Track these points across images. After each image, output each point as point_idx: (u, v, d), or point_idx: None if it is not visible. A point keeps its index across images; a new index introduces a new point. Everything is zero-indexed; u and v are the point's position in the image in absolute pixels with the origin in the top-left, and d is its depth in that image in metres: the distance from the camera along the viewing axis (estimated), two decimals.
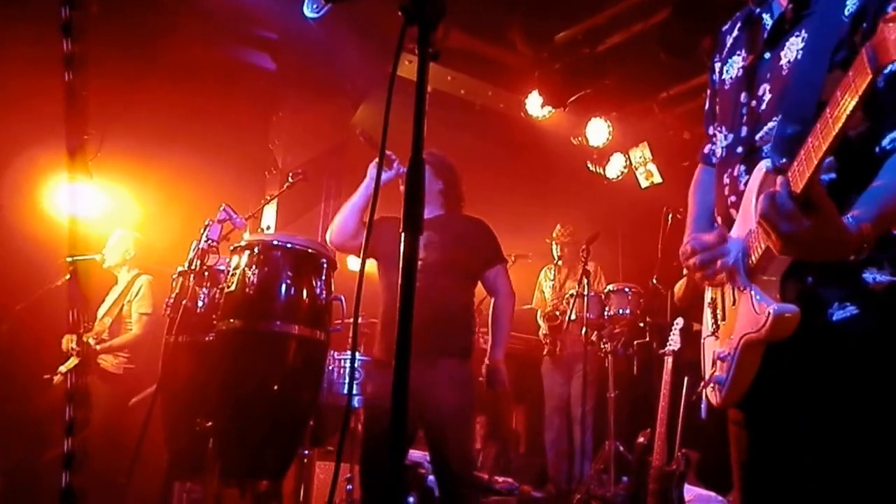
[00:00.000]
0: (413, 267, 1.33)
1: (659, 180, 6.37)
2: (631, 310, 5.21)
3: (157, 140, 5.29)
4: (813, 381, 1.43)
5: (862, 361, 1.39)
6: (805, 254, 1.33)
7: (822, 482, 1.43)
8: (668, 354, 4.03)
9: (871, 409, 1.38)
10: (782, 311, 1.38)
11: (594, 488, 4.80)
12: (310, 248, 3.41)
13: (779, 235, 1.27)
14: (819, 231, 1.24)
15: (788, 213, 1.24)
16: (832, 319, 1.41)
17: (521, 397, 6.52)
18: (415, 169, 1.37)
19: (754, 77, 1.59)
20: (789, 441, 1.49)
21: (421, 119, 1.38)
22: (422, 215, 1.37)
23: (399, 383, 1.27)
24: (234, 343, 3.26)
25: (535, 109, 6.11)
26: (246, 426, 3.20)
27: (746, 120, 1.58)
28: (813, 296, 1.43)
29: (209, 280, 3.58)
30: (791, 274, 1.43)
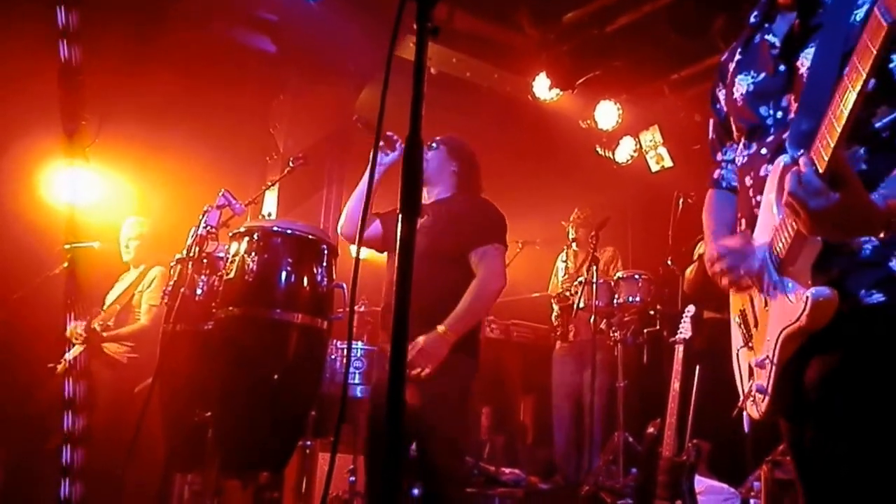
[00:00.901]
0: (410, 251, 1.30)
1: (670, 164, 6.26)
2: (641, 297, 5.10)
3: (156, 125, 5.26)
4: (845, 366, 1.42)
5: (890, 348, 1.39)
6: (835, 231, 1.33)
7: (855, 467, 1.40)
8: (678, 343, 3.94)
9: None
10: (820, 295, 1.37)
11: (603, 480, 4.73)
12: (310, 234, 3.35)
13: (808, 213, 1.27)
14: (847, 206, 1.25)
15: (816, 189, 1.25)
16: (861, 304, 1.41)
17: (530, 388, 6.44)
18: (412, 148, 1.34)
19: (773, 89, 1.63)
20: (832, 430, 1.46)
21: (419, 96, 1.34)
22: (419, 198, 1.33)
23: (395, 371, 1.26)
24: (234, 331, 3.20)
25: (543, 92, 6.01)
26: (246, 417, 3.16)
27: (774, 131, 1.61)
28: (844, 283, 1.42)
29: (208, 267, 3.53)
30: (824, 264, 1.43)
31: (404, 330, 1.27)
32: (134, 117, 4.99)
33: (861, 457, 1.38)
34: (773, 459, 3.46)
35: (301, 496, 4.12)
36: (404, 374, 1.27)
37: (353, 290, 1.70)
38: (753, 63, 1.71)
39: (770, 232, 1.51)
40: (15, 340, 4.43)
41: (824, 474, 1.46)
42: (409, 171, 1.33)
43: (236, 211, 3.72)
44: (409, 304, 1.27)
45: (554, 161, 6.66)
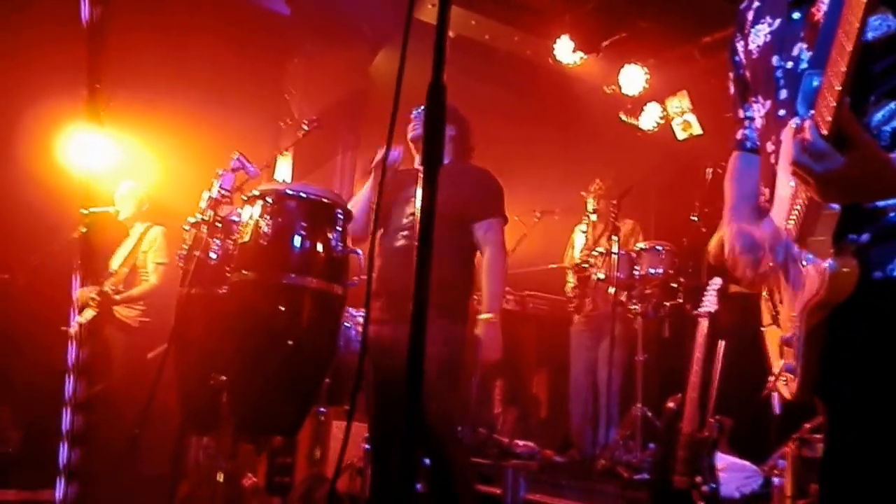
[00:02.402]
0: (431, 213, 1.22)
1: (699, 132, 6.08)
2: (663, 269, 4.99)
3: (169, 89, 5.28)
4: (876, 341, 1.34)
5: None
6: (849, 195, 1.26)
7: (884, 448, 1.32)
8: (702, 316, 3.86)
9: None
10: (837, 267, 1.31)
11: (619, 454, 4.69)
12: (325, 197, 3.29)
13: (816, 178, 1.22)
14: (858, 166, 1.19)
15: (821, 152, 1.19)
16: (892, 274, 1.33)
17: (544, 361, 6.39)
18: (435, 97, 1.26)
19: (786, 38, 1.54)
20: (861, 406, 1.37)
21: (442, 43, 1.26)
22: (441, 153, 1.25)
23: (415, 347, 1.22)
24: (248, 296, 3.18)
25: (566, 55, 5.85)
26: (260, 381, 3.15)
27: (784, 83, 1.53)
28: (871, 254, 1.34)
29: (222, 231, 3.52)
30: (845, 233, 1.34)
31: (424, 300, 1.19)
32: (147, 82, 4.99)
33: (891, 435, 1.31)
34: (800, 437, 3.37)
35: (314, 462, 4.11)
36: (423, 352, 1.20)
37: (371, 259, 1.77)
38: (771, 9, 1.61)
39: (787, 198, 1.44)
40: (33, 304, 4.49)
41: (855, 455, 1.37)
42: (431, 119, 1.25)
43: (251, 174, 3.69)
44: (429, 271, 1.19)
45: (575, 128, 6.53)
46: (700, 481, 3.40)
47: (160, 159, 5.31)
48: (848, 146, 1.18)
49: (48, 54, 4.12)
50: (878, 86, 1.35)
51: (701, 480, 3.41)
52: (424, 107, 1.27)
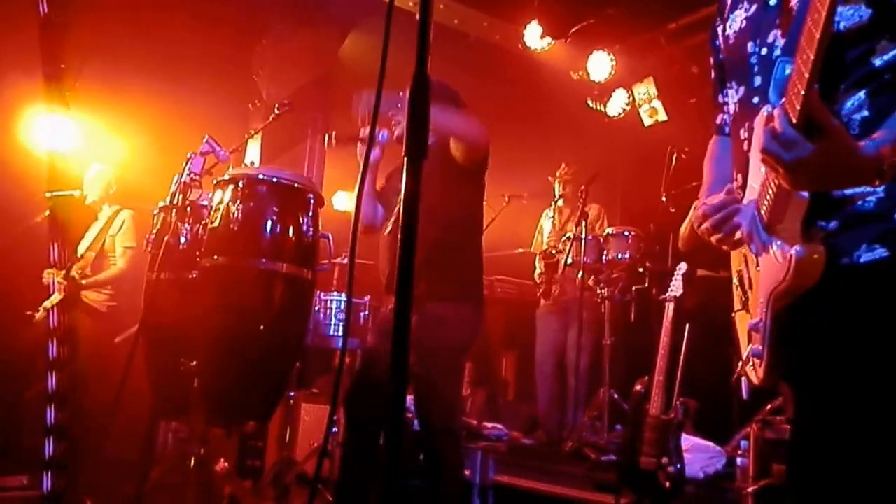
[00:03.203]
0: (415, 198, 1.21)
1: (664, 118, 6.13)
2: (630, 254, 5.05)
3: (137, 71, 5.17)
4: (842, 326, 1.33)
5: (889, 304, 1.31)
6: (818, 182, 1.24)
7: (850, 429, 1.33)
8: (668, 300, 3.89)
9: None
10: (804, 253, 1.30)
11: (587, 436, 4.75)
12: (296, 182, 3.27)
13: (784, 166, 1.20)
14: (827, 154, 1.17)
15: (789, 140, 1.18)
16: (858, 261, 1.32)
17: (512, 343, 6.44)
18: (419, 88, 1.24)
19: (762, 24, 1.52)
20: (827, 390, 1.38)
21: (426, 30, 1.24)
22: (425, 141, 1.24)
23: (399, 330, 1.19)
24: (219, 281, 3.17)
25: (534, 41, 5.85)
26: (231, 367, 3.14)
27: (759, 70, 1.51)
28: (838, 240, 1.34)
29: (192, 215, 3.46)
30: (814, 220, 1.34)
31: (409, 287, 1.19)
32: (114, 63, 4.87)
33: (856, 418, 1.32)
34: (762, 419, 3.46)
35: (284, 446, 4.11)
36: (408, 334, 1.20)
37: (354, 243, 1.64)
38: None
39: (758, 185, 1.43)
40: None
41: (821, 437, 1.37)
42: (416, 113, 1.23)
43: (220, 158, 3.63)
44: (413, 256, 1.19)
45: (543, 113, 6.53)
46: (666, 462, 3.44)
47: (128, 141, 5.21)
48: (817, 134, 1.17)
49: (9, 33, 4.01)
50: (849, 74, 1.35)
51: (667, 461, 3.45)
52: (408, 98, 1.25)
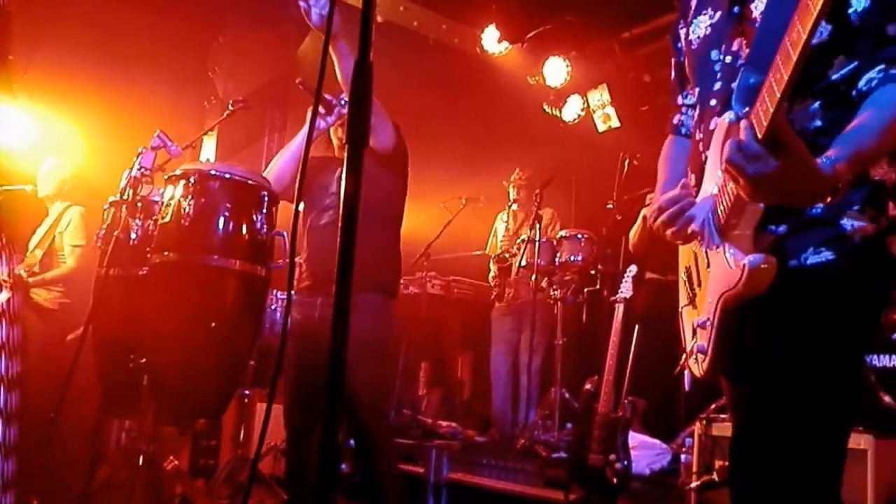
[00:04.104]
0: (356, 196, 1.20)
1: (617, 124, 6.24)
2: (583, 257, 5.14)
3: (89, 64, 5.05)
4: (785, 326, 1.39)
5: (832, 304, 1.37)
6: (776, 197, 1.27)
7: (788, 426, 1.38)
8: (619, 302, 3.98)
9: (830, 353, 1.37)
10: (757, 263, 1.33)
11: (538, 434, 4.81)
12: (250, 179, 3.24)
13: (746, 179, 1.22)
14: (788, 171, 1.19)
15: (754, 154, 1.19)
16: (805, 263, 1.38)
17: (468, 344, 6.49)
18: (362, 72, 1.24)
19: (726, 33, 1.55)
20: (769, 387, 1.43)
21: (368, 19, 1.25)
22: (367, 129, 1.23)
23: (338, 325, 1.19)
24: (169, 277, 3.12)
25: (492, 45, 5.91)
26: (182, 364, 3.09)
27: (721, 76, 1.54)
28: (787, 244, 1.40)
29: (142, 211, 3.40)
30: (764, 224, 1.39)
31: (348, 280, 1.19)
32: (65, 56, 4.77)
33: (795, 415, 1.37)
34: (706, 416, 3.55)
35: (239, 444, 4.09)
36: (347, 329, 1.19)
37: (293, 242, 1.66)
38: (714, 1, 1.62)
39: (716, 181, 1.46)
40: None
41: (759, 432, 1.43)
42: (357, 99, 1.23)
43: (172, 153, 3.59)
44: (354, 246, 1.19)
45: (500, 117, 6.60)
46: (614, 459, 3.50)
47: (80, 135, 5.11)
48: (780, 150, 1.19)
49: None
50: (807, 86, 1.39)
51: (614, 458, 3.51)
52: (350, 87, 1.25)
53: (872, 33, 1.34)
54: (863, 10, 1.35)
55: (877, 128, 1.28)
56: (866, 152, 1.28)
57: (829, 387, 1.38)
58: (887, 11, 1.33)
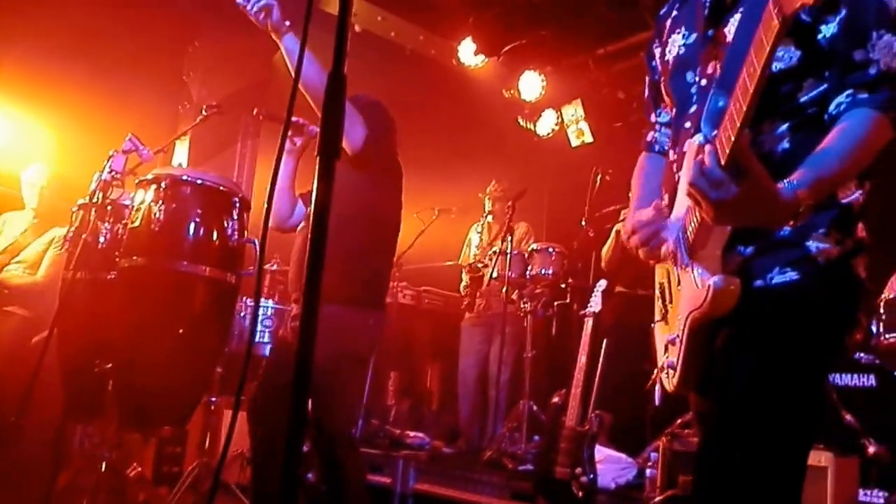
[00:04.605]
0: (326, 207, 1.19)
1: (590, 140, 6.30)
2: (554, 270, 5.16)
3: (61, 64, 4.96)
4: (751, 343, 1.41)
5: (796, 324, 1.40)
6: (738, 220, 1.31)
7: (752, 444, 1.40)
8: (588, 316, 4.01)
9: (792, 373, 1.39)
10: (721, 284, 1.36)
11: (505, 446, 4.81)
12: (222, 185, 3.25)
13: (709, 203, 1.25)
14: (749, 196, 1.22)
15: (716, 180, 1.22)
16: (771, 283, 1.40)
17: (438, 354, 6.49)
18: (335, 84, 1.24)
19: (700, 55, 1.57)
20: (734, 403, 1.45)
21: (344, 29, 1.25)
22: (339, 141, 1.23)
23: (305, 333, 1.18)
24: (138, 282, 3.12)
25: (468, 57, 5.94)
26: (148, 370, 3.08)
27: (697, 99, 1.56)
28: (753, 264, 1.42)
29: (112, 214, 3.37)
30: (732, 245, 1.42)
31: (316, 290, 1.18)
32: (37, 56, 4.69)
33: (757, 433, 1.39)
34: (671, 432, 3.59)
35: (204, 452, 4.04)
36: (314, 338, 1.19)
37: (263, 247, 1.63)
38: (688, 22, 1.64)
39: (684, 209, 1.50)
40: None
41: (722, 448, 1.44)
42: (330, 110, 1.23)
43: (144, 157, 3.55)
44: (323, 260, 1.17)
45: (475, 129, 6.63)
46: (580, 472, 3.51)
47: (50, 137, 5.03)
48: (742, 176, 1.21)
49: None
50: (776, 108, 1.42)
51: (581, 471, 3.52)
52: (325, 96, 1.23)
53: (841, 59, 1.37)
54: (831, 36, 1.38)
55: (840, 153, 1.31)
56: (829, 178, 1.31)
57: (791, 405, 1.40)
58: (854, 38, 1.36)
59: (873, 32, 1.35)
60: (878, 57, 1.35)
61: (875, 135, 1.34)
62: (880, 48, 1.35)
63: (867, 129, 1.33)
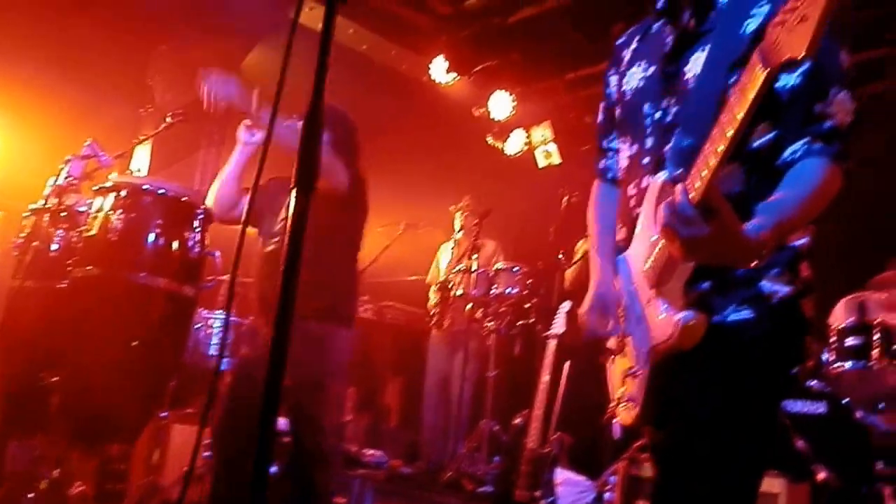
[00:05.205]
0: (301, 228, 1.22)
1: (557, 161, 6.35)
2: (518, 290, 5.18)
3: (20, 61, 4.81)
4: (708, 378, 1.46)
5: (749, 359, 1.46)
6: (707, 259, 1.36)
7: (707, 476, 1.45)
8: (551, 337, 4.02)
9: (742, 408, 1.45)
10: (691, 319, 1.41)
11: (465, 466, 4.78)
12: (185, 196, 3.17)
13: (680, 241, 1.29)
14: (719, 236, 1.27)
15: (688, 219, 1.26)
16: (727, 320, 1.46)
17: (399, 370, 6.42)
18: (312, 120, 1.25)
19: (658, 89, 1.61)
20: (690, 438, 1.49)
21: (323, 68, 1.26)
22: (315, 174, 1.25)
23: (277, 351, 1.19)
24: (91, 292, 3.03)
25: (440, 74, 5.94)
26: (98, 384, 2.97)
27: (652, 131, 1.61)
28: (711, 300, 1.47)
29: (67, 221, 3.29)
30: (692, 280, 1.46)
31: (290, 312, 1.19)
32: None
33: (710, 464, 1.44)
34: (630, 457, 3.59)
35: (151, 469, 3.90)
36: (285, 357, 1.19)
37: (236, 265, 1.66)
38: (649, 55, 1.68)
39: (646, 244, 1.53)
40: None
41: (678, 478, 1.49)
42: (308, 144, 1.24)
43: (103, 163, 3.49)
44: (297, 282, 1.20)
45: (444, 145, 6.61)
46: (539, 495, 3.52)
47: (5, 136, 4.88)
48: (712, 216, 1.26)
49: None
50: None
51: (540, 494, 3.53)
52: (302, 131, 1.25)
53: (801, 110, 1.43)
54: (793, 87, 1.44)
55: (798, 200, 1.38)
56: (788, 222, 1.37)
57: (747, 436, 1.45)
58: (816, 91, 1.43)
59: (832, 88, 1.43)
60: (835, 111, 1.42)
61: (829, 184, 1.41)
62: (837, 103, 1.43)
63: (823, 178, 1.40)
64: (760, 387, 1.47)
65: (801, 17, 1.12)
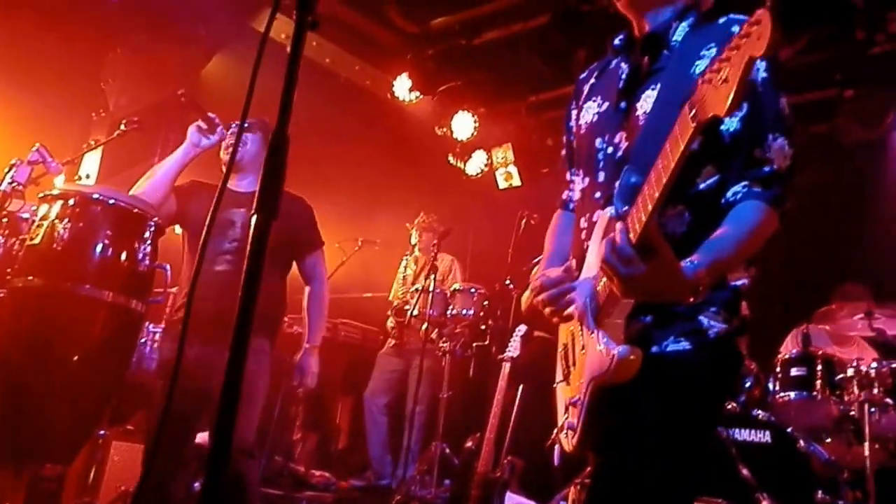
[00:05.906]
0: (261, 252, 1.23)
1: (518, 183, 6.38)
2: (474, 311, 5.16)
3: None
4: (645, 407, 1.50)
5: (683, 388, 1.52)
6: (645, 296, 1.40)
7: None
8: (506, 360, 4.00)
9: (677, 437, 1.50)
10: (626, 354, 1.44)
11: (416, 489, 4.72)
12: (136, 207, 3.05)
13: (619, 279, 1.34)
14: (656, 274, 1.32)
15: (627, 257, 1.32)
16: (665, 350, 1.52)
17: (350, 389, 6.32)
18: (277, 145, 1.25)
19: (610, 124, 1.66)
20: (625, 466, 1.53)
21: (290, 91, 1.26)
22: (278, 199, 1.25)
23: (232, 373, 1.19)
24: (30, 303, 2.89)
25: (403, 92, 5.93)
26: (33, 401, 2.83)
27: (603, 166, 1.65)
28: (651, 333, 1.53)
29: (8, 228, 3.19)
30: (634, 314, 1.51)
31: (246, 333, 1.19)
32: None
33: (643, 488, 1.47)
34: (580, 481, 3.58)
35: (87, 489, 3.74)
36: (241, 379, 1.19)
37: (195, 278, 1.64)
38: (603, 91, 1.73)
39: (592, 278, 1.56)
40: None
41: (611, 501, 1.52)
42: (272, 169, 1.24)
43: (51, 169, 3.37)
44: (255, 304, 1.21)
45: (405, 163, 6.61)
46: None
47: None
48: (651, 255, 1.31)
49: None
50: (678, 191, 1.46)
51: None
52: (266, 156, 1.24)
53: (742, 154, 1.49)
54: (734, 131, 1.50)
55: (734, 240, 1.44)
56: (724, 261, 1.43)
57: (679, 463, 1.50)
58: (754, 136, 1.49)
59: (769, 135, 1.49)
60: (773, 157, 1.49)
61: (765, 226, 1.47)
62: (775, 150, 1.49)
63: (759, 221, 1.46)
64: (695, 415, 1.53)
65: (724, 79, 1.17)
